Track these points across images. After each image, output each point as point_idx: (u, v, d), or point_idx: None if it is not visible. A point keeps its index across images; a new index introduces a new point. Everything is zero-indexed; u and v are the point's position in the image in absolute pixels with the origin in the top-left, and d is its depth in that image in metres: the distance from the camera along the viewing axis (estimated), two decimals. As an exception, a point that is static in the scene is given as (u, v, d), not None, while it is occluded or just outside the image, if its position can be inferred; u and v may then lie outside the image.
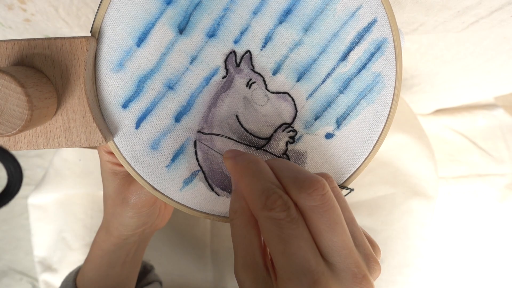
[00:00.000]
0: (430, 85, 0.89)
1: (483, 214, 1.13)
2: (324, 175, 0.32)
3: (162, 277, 0.68)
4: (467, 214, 1.14)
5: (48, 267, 0.73)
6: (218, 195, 0.37)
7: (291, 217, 0.28)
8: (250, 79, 0.34)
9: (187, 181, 0.36)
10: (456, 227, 1.14)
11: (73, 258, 0.72)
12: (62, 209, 0.73)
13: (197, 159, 0.36)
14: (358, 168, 0.37)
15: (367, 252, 0.30)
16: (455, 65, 0.77)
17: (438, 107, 1.12)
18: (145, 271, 0.60)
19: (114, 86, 0.34)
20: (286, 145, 0.36)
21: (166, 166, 0.36)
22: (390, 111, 0.35)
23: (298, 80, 0.35)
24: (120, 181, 0.43)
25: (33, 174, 1.24)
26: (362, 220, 0.68)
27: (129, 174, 0.39)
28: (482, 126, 1.13)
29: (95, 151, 0.71)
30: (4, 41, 0.31)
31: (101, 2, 0.33)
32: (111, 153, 0.40)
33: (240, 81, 0.34)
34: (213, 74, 0.34)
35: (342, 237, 0.28)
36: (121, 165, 0.41)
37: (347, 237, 0.29)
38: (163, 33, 0.33)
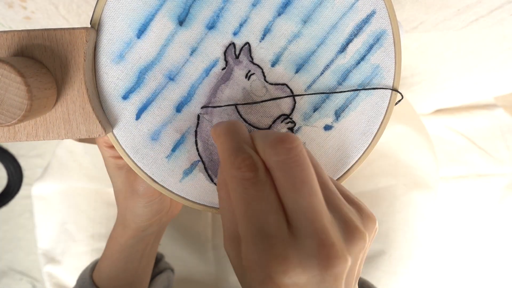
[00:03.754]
0: (430, 83, 0.89)
1: (483, 214, 1.13)
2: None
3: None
4: (467, 214, 1.13)
5: (51, 259, 0.73)
6: None
7: (257, 178, 0.26)
8: (249, 71, 0.35)
9: (187, 172, 0.36)
10: (456, 227, 1.14)
11: (77, 250, 0.72)
12: (65, 201, 0.73)
13: (197, 149, 0.36)
14: (357, 161, 0.37)
15: (345, 218, 0.27)
16: (455, 63, 0.78)
17: (438, 107, 1.12)
18: (156, 260, 0.60)
19: (114, 77, 0.34)
20: None
21: (166, 157, 0.36)
22: (389, 103, 0.35)
23: (296, 71, 0.35)
24: (126, 174, 0.43)
25: (33, 174, 1.24)
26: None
27: None
28: (482, 126, 1.13)
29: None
30: (4, 32, 0.31)
31: None
32: (112, 147, 0.40)
33: (239, 73, 0.35)
34: (213, 65, 0.34)
35: (309, 198, 0.25)
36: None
37: (316, 199, 0.25)
38: (163, 24, 0.33)
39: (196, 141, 0.36)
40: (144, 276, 0.52)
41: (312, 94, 0.35)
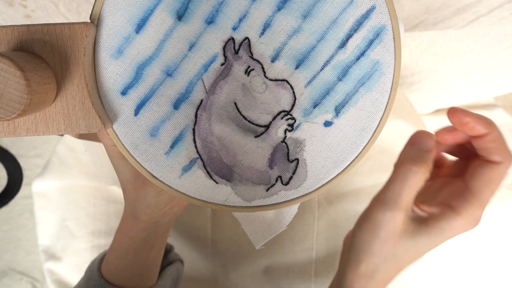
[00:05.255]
0: (430, 83, 0.89)
1: (483, 214, 1.13)
2: None
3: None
4: (467, 214, 1.13)
5: (52, 256, 0.73)
6: (217, 183, 0.37)
7: None
8: (249, 66, 0.34)
9: (186, 169, 0.36)
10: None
11: (77, 246, 0.72)
12: (64, 198, 0.73)
13: (195, 147, 0.36)
14: (357, 156, 0.36)
15: None
16: (455, 62, 0.78)
17: (438, 107, 1.12)
18: (165, 251, 0.59)
19: (113, 72, 0.34)
20: (285, 132, 0.36)
21: (165, 153, 0.36)
22: (389, 98, 0.35)
23: (296, 67, 0.35)
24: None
25: (33, 174, 1.24)
26: (364, 207, 0.68)
27: None
28: (482, 126, 1.13)
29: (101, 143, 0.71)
30: (4, 26, 0.31)
31: None
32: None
33: (238, 68, 0.34)
34: (212, 61, 0.34)
35: None
36: None
37: None
38: (161, 19, 0.33)
39: (194, 139, 0.36)
40: (153, 268, 0.51)
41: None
